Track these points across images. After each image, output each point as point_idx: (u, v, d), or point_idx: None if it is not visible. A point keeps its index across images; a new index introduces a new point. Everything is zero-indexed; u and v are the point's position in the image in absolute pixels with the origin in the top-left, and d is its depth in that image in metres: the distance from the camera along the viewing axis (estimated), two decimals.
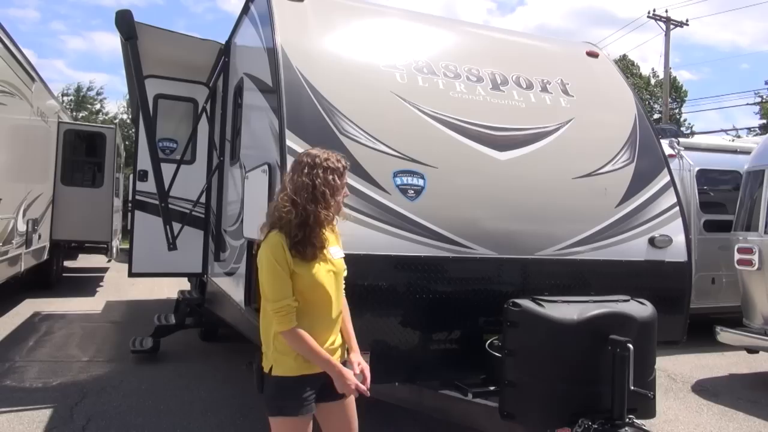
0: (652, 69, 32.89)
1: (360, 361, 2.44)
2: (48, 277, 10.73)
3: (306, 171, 2.31)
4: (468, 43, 4.46)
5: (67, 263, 12.96)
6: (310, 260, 2.29)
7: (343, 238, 3.12)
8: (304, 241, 2.26)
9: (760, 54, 60.02)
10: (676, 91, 34.70)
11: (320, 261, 2.33)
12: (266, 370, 2.31)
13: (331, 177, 2.32)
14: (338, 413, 2.43)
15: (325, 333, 2.34)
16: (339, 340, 2.43)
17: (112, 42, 63.68)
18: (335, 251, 2.45)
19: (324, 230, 2.36)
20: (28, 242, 8.48)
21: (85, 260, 14.40)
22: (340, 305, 2.44)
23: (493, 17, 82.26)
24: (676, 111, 33.90)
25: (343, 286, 2.49)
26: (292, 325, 2.21)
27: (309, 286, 2.28)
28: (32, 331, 7.37)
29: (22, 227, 8.14)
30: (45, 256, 10.03)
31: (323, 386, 2.34)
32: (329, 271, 2.36)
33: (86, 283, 12.17)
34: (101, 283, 12.27)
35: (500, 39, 4.81)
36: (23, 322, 7.88)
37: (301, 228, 2.25)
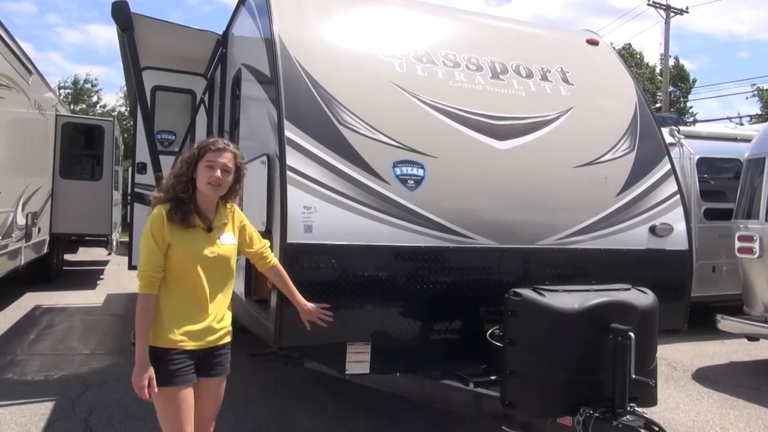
0: (660, 56, 32.56)
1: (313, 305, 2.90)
2: (48, 270, 10.72)
3: (189, 153, 2.54)
4: (467, 32, 4.43)
5: (67, 256, 12.94)
6: (188, 237, 2.41)
7: (343, 229, 3.14)
8: (174, 209, 2.42)
9: (758, 42, 59.73)
10: (682, 81, 34.44)
11: (202, 242, 2.45)
12: None
13: (188, 155, 2.50)
14: (206, 389, 2.52)
15: (197, 311, 2.43)
16: (221, 324, 2.51)
17: (108, 34, 63.49)
18: (226, 237, 2.55)
19: (200, 209, 2.49)
20: (27, 236, 8.47)
21: (85, 253, 14.39)
22: (224, 289, 2.53)
23: (490, 7, 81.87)
24: (682, 100, 33.67)
25: (233, 269, 2.62)
26: (145, 291, 2.37)
27: (182, 261, 2.40)
28: (33, 324, 7.38)
29: (21, 221, 8.12)
30: (45, 250, 10.03)
31: (199, 362, 2.45)
32: (212, 254, 2.46)
33: (87, 276, 12.17)
34: (101, 276, 12.28)
35: (500, 27, 4.77)
36: (24, 315, 7.88)
37: (175, 200, 2.44)
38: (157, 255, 2.37)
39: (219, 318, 2.52)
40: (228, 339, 2.60)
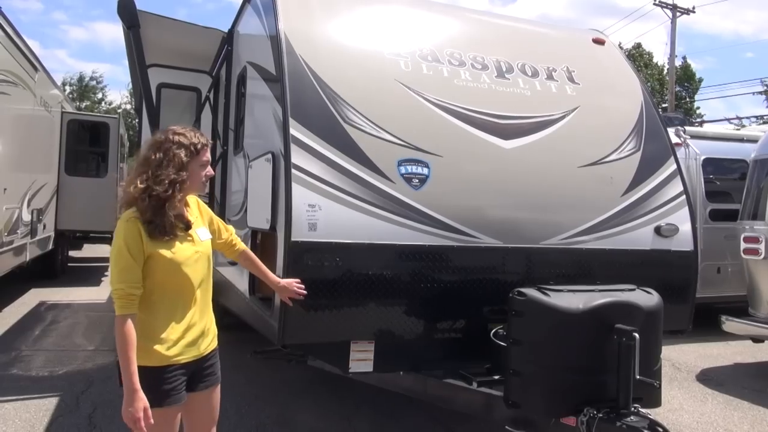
0: (666, 56, 32.60)
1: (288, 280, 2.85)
2: (53, 266, 10.77)
3: (156, 148, 2.27)
4: (473, 31, 4.42)
5: (72, 253, 13.00)
6: (169, 241, 2.21)
7: (347, 227, 3.14)
8: (154, 222, 2.18)
9: (764, 43, 59.48)
10: (689, 81, 34.30)
11: (183, 242, 2.27)
12: None
13: (182, 153, 2.25)
14: (201, 403, 2.40)
15: (189, 319, 2.27)
16: (209, 327, 2.39)
17: (113, 32, 63.80)
18: (202, 233, 2.40)
19: (177, 210, 2.26)
20: (33, 232, 8.50)
21: (89, 250, 14.43)
22: (208, 289, 2.40)
23: (495, 6, 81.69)
24: (688, 100, 33.57)
25: (212, 266, 2.49)
26: (125, 312, 2.10)
27: (168, 268, 2.20)
28: (38, 320, 7.41)
29: (26, 217, 8.15)
30: (50, 246, 10.06)
31: (192, 375, 2.31)
32: (195, 253, 2.30)
33: (91, 273, 12.21)
34: (106, 273, 12.30)
35: (506, 26, 4.76)
36: (29, 311, 7.91)
37: (149, 208, 2.18)
38: (135, 270, 2.13)
39: (209, 322, 2.39)
40: (216, 343, 2.45)
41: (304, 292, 2.89)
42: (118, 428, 3.95)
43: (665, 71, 33.46)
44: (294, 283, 2.86)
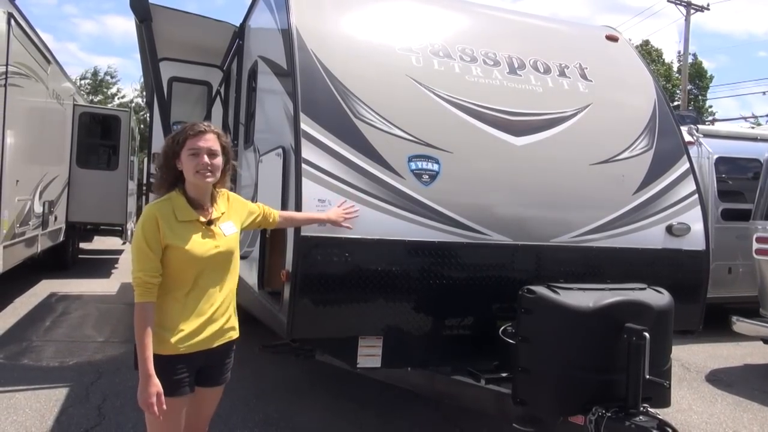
0: (678, 54, 32.09)
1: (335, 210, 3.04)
2: (64, 258, 10.85)
3: (166, 143, 2.35)
4: (485, 26, 4.39)
5: (83, 245, 13.09)
6: (187, 234, 2.23)
7: (357, 222, 3.13)
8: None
9: None
10: (699, 78, 33.97)
11: (204, 236, 2.27)
12: None
13: (188, 144, 2.28)
14: (205, 397, 2.40)
15: (203, 313, 2.26)
16: (228, 324, 2.37)
17: (124, 25, 64.16)
18: (228, 227, 2.38)
19: (199, 201, 2.31)
20: (44, 224, 8.57)
21: (100, 242, 14.53)
22: (228, 283, 2.37)
23: (504, 3, 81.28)
24: (699, 98, 33.26)
25: (237, 260, 2.51)
26: (142, 300, 2.15)
27: (184, 259, 2.21)
28: (49, 311, 7.47)
29: (38, 209, 8.22)
30: (61, 238, 10.14)
31: (202, 369, 2.32)
32: (215, 247, 2.29)
33: (101, 265, 12.30)
34: (116, 265, 12.39)
35: (518, 22, 4.73)
36: (40, 302, 7.98)
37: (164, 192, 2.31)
38: (152, 259, 2.17)
39: (226, 317, 2.37)
40: (234, 335, 2.43)
41: (355, 213, 3.08)
42: (127, 419, 3.98)
43: (675, 68, 33.15)
44: (341, 212, 3.03)
